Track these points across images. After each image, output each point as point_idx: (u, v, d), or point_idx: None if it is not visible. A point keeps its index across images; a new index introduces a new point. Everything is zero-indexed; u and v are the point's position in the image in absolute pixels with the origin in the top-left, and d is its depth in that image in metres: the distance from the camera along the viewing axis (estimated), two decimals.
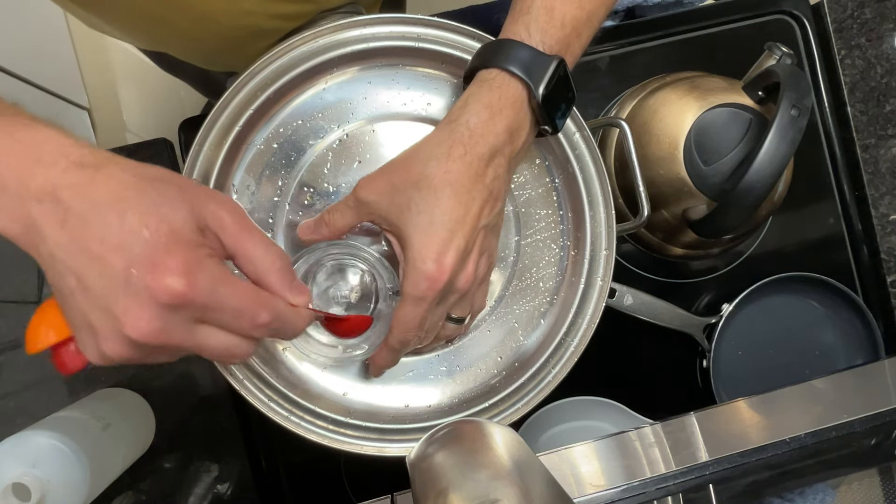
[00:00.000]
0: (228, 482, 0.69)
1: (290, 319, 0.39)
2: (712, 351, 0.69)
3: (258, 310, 0.36)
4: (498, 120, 0.46)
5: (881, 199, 0.75)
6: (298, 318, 0.39)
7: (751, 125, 0.61)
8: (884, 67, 0.75)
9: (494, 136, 0.46)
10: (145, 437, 0.66)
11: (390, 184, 0.46)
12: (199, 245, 0.34)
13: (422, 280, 0.44)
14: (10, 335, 0.68)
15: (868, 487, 0.60)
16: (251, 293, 0.36)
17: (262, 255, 0.38)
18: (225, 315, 0.35)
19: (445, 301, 0.47)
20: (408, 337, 0.47)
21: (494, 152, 0.46)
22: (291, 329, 0.39)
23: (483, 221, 0.46)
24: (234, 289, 0.35)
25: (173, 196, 0.35)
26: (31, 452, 0.52)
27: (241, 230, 0.37)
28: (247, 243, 0.37)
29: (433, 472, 0.41)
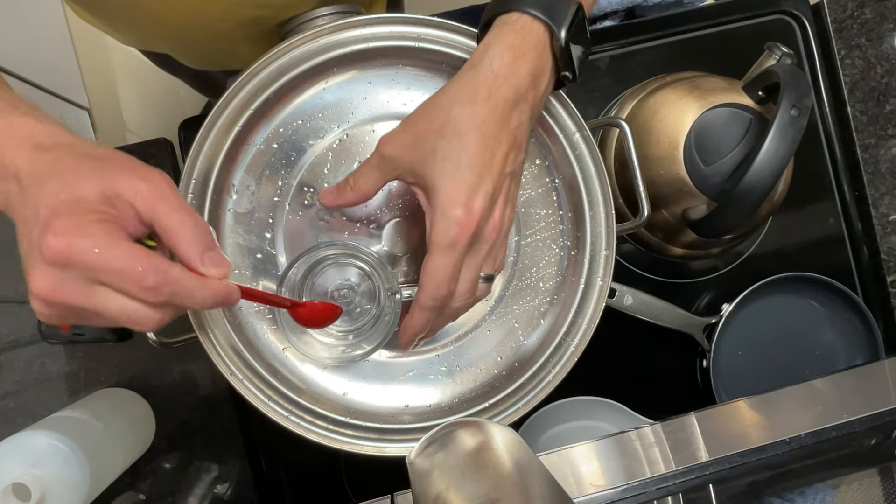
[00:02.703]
0: (228, 482, 0.69)
1: (186, 287, 0.38)
2: (712, 351, 0.69)
3: (144, 273, 0.36)
4: (521, 63, 0.45)
5: (881, 199, 0.75)
6: (201, 288, 0.39)
7: (751, 125, 0.61)
8: (884, 67, 0.75)
9: (518, 78, 0.45)
10: (145, 437, 0.66)
11: (413, 135, 0.45)
12: (93, 211, 0.36)
13: (452, 226, 0.43)
14: (10, 335, 0.68)
15: (868, 487, 0.60)
16: (136, 256, 0.36)
17: (175, 223, 0.38)
18: (110, 276, 0.36)
19: (476, 251, 0.46)
20: (440, 292, 0.45)
21: (518, 97, 0.45)
22: (191, 298, 0.39)
23: (509, 168, 0.46)
24: (118, 250, 0.36)
25: (93, 168, 0.37)
26: (31, 452, 0.52)
27: (155, 200, 0.38)
28: (159, 212, 0.38)
29: (433, 472, 0.41)
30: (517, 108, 0.45)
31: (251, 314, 0.55)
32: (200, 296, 0.39)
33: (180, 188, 0.52)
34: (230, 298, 0.41)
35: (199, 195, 0.53)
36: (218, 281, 0.40)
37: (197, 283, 0.39)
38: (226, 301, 0.41)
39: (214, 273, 0.39)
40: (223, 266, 0.40)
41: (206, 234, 0.40)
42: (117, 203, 0.37)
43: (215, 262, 0.39)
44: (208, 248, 0.39)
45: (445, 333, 0.57)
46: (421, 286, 0.46)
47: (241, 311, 0.55)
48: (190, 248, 0.39)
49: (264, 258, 0.55)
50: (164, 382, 0.69)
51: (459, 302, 0.47)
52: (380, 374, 0.56)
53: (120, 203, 0.37)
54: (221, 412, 0.69)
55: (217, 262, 0.39)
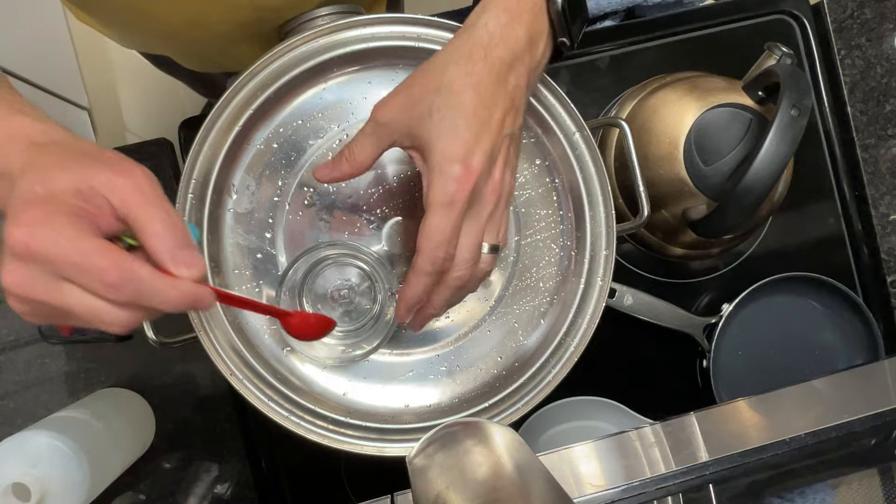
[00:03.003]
0: (228, 482, 0.69)
1: (151, 286, 0.36)
2: (712, 351, 0.69)
3: (105, 269, 0.35)
4: (517, 24, 0.45)
5: (881, 199, 0.75)
6: (168, 288, 0.37)
7: (751, 125, 0.61)
8: (884, 67, 0.75)
9: (514, 40, 0.45)
10: (145, 437, 0.66)
11: (408, 97, 0.45)
12: (63, 203, 0.36)
13: (449, 182, 0.42)
14: (10, 335, 0.68)
15: (868, 487, 0.60)
16: (98, 251, 0.35)
17: (146, 219, 0.37)
18: (70, 270, 0.35)
19: (476, 214, 0.44)
20: (438, 254, 0.43)
21: (514, 59, 0.45)
22: (157, 299, 0.37)
23: (507, 129, 0.45)
24: (80, 244, 0.35)
25: (74, 163, 0.37)
26: (31, 452, 0.52)
27: (129, 194, 0.37)
28: (131, 207, 0.37)
29: (433, 472, 0.41)
30: (513, 69, 0.45)
31: (251, 314, 0.55)
32: (168, 296, 0.37)
33: (180, 188, 0.52)
34: (201, 302, 0.39)
35: (199, 195, 0.53)
36: (189, 282, 0.38)
37: (164, 283, 0.37)
38: (197, 304, 0.39)
39: (186, 273, 0.37)
40: (196, 266, 0.38)
41: (179, 231, 0.38)
42: (92, 197, 0.36)
43: (188, 261, 0.38)
44: (181, 246, 0.38)
45: (445, 333, 0.57)
46: (418, 249, 0.44)
47: (241, 311, 0.55)
48: (159, 244, 0.37)
49: (264, 258, 0.55)
50: (164, 382, 0.69)
51: (461, 270, 0.45)
52: (380, 374, 0.56)
53: (95, 197, 0.36)
54: (221, 412, 0.69)
55: (190, 261, 0.38)
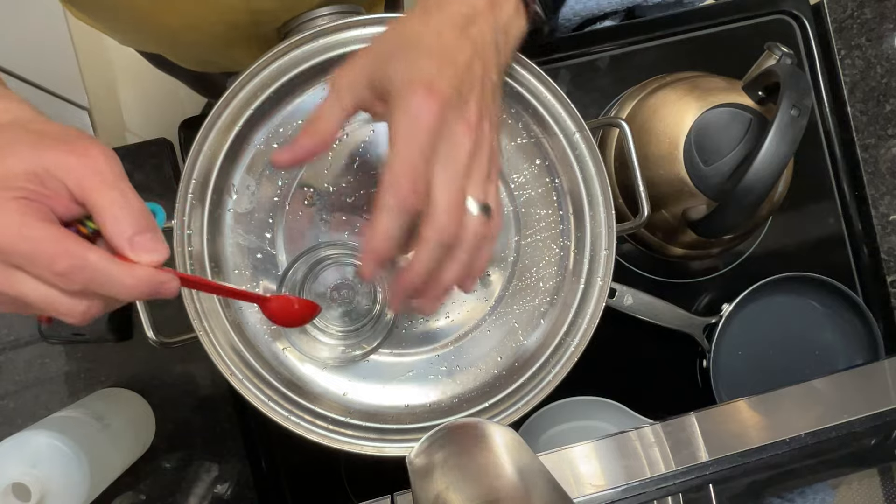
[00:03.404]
0: (228, 482, 0.69)
1: (104, 273, 0.35)
2: (712, 351, 0.69)
3: (53, 257, 0.33)
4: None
5: (881, 199, 0.75)
6: (125, 275, 0.35)
7: (751, 125, 0.61)
8: (884, 67, 0.75)
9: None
10: (145, 437, 0.66)
11: (367, 57, 0.42)
12: (14, 188, 0.34)
13: (412, 105, 0.39)
14: (10, 335, 0.68)
15: (868, 487, 0.60)
16: (46, 239, 0.33)
17: (102, 201, 0.35)
18: (18, 258, 0.34)
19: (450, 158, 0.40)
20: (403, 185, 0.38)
21: (475, 13, 0.42)
22: (112, 286, 0.35)
23: (476, 72, 0.41)
24: (28, 232, 0.33)
25: (30, 144, 0.35)
26: (31, 452, 0.52)
27: (86, 176, 0.35)
28: (88, 189, 0.35)
29: (433, 472, 0.41)
30: (474, 22, 0.42)
31: (251, 314, 0.55)
32: (124, 284, 0.35)
33: (180, 188, 0.52)
34: (164, 288, 0.37)
35: (199, 195, 0.53)
36: (147, 268, 0.36)
37: (119, 269, 0.35)
38: (160, 291, 0.37)
39: (146, 258, 0.36)
40: (156, 251, 0.36)
41: (138, 214, 0.36)
42: (47, 180, 0.35)
43: (147, 246, 0.36)
44: (140, 230, 0.35)
45: (445, 333, 0.57)
46: (380, 182, 0.39)
47: (241, 311, 0.55)
48: (116, 229, 0.35)
49: (264, 258, 0.55)
50: (164, 382, 0.69)
51: (441, 220, 0.39)
52: (380, 374, 0.56)
53: (50, 181, 0.35)
54: (221, 412, 0.69)
55: (149, 247, 0.36)
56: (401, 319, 0.56)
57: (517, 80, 0.54)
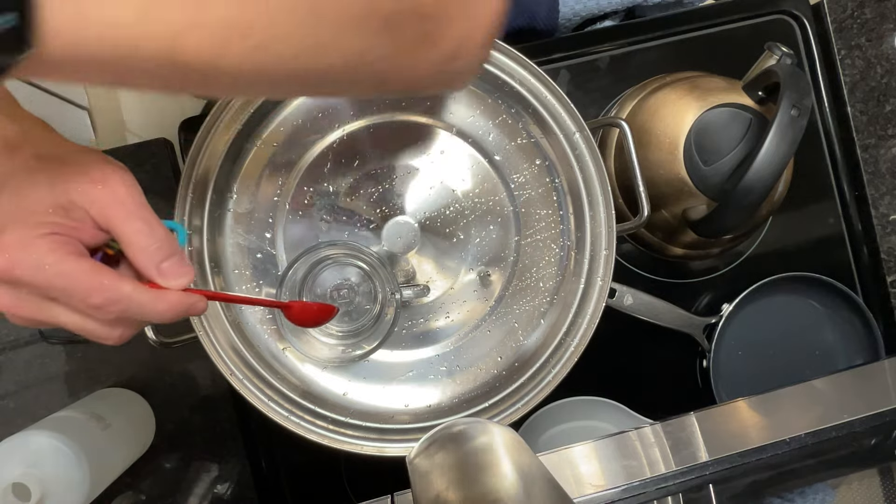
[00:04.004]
0: (228, 482, 0.69)
1: (137, 303, 0.36)
2: (712, 351, 0.69)
3: (88, 292, 0.34)
4: None
5: (881, 199, 0.75)
6: (156, 302, 0.36)
7: (751, 125, 0.61)
8: (884, 67, 0.75)
9: None
10: (145, 437, 0.66)
11: None
12: (41, 224, 0.34)
13: None
14: (10, 335, 0.68)
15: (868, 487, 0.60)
16: (81, 274, 0.34)
17: (128, 233, 0.36)
18: (55, 294, 0.35)
19: None
20: None
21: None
22: (146, 314, 0.37)
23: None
24: (62, 268, 0.34)
25: (48, 175, 0.35)
26: (31, 452, 0.52)
27: (108, 206, 0.36)
28: (112, 220, 0.36)
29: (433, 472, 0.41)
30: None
31: (251, 314, 0.55)
32: (157, 310, 0.37)
33: (180, 188, 0.52)
34: (193, 309, 0.39)
35: (199, 195, 0.53)
36: (177, 293, 0.37)
37: (150, 297, 0.36)
38: (189, 312, 0.39)
39: (174, 284, 0.37)
40: (183, 276, 0.37)
41: (163, 241, 0.37)
42: (72, 212, 0.35)
43: (175, 272, 0.37)
44: (166, 256, 0.37)
45: (445, 333, 0.57)
46: None
47: (241, 312, 0.55)
48: (144, 257, 0.36)
49: (264, 258, 0.55)
50: (164, 382, 0.69)
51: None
52: (380, 374, 0.56)
53: (75, 211, 0.35)
54: (221, 412, 0.69)
55: (176, 272, 0.37)
56: (401, 319, 0.56)
57: (517, 80, 0.54)
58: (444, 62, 0.35)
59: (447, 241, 0.57)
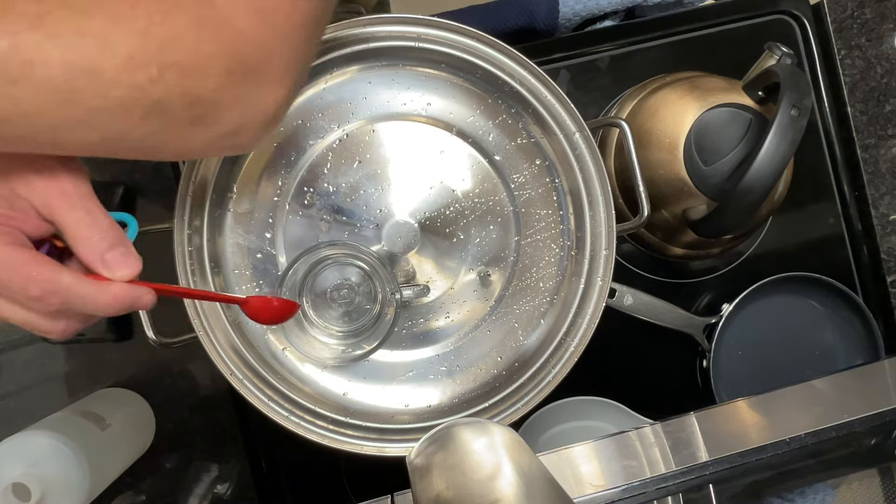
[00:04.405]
0: (228, 482, 0.69)
1: (78, 294, 0.35)
2: (712, 351, 0.69)
3: (26, 282, 0.34)
4: None
5: (881, 199, 0.75)
6: (99, 293, 0.36)
7: (751, 125, 0.61)
8: (884, 67, 0.75)
9: None
10: (145, 437, 0.66)
11: None
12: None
13: None
14: (10, 335, 0.68)
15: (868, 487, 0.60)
16: (18, 265, 0.34)
17: (70, 222, 0.35)
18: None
19: None
20: None
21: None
22: (88, 306, 0.36)
23: None
24: None
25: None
26: (31, 452, 0.52)
27: (51, 197, 0.35)
28: (55, 210, 0.35)
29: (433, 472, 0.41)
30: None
31: None
32: (99, 302, 0.36)
33: (180, 188, 0.52)
34: (140, 303, 0.38)
35: (200, 195, 0.53)
36: (121, 285, 0.36)
37: (93, 289, 0.36)
38: (135, 306, 0.37)
39: (119, 275, 0.36)
40: (128, 267, 0.36)
41: (107, 232, 0.36)
42: (14, 202, 0.35)
43: (119, 263, 0.36)
44: (110, 246, 0.36)
45: (445, 333, 0.57)
46: None
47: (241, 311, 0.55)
48: (86, 248, 0.36)
49: (264, 258, 0.55)
50: (164, 382, 0.69)
51: None
52: (380, 374, 0.56)
53: (17, 201, 0.35)
54: (221, 412, 0.69)
55: (121, 263, 0.36)
56: (401, 319, 0.56)
57: (517, 79, 0.54)
58: (222, 138, 0.36)
59: (447, 241, 0.57)
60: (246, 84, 0.35)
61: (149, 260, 0.53)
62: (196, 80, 0.33)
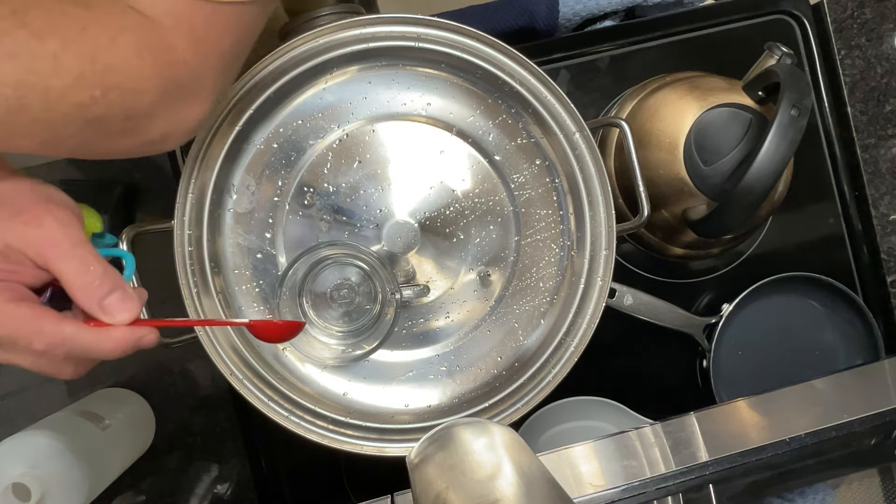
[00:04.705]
0: (228, 482, 0.69)
1: (82, 343, 0.36)
2: (712, 351, 0.69)
3: (30, 338, 0.35)
4: None
5: (881, 199, 0.75)
6: (101, 340, 0.36)
7: (751, 125, 0.61)
8: (884, 67, 0.75)
9: None
10: (145, 437, 0.66)
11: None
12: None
13: None
14: None
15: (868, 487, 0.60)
16: (20, 321, 0.35)
17: (65, 272, 0.36)
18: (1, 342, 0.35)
19: None
20: None
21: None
22: (93, 353, 0.37)
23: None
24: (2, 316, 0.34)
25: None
26: (31, 452, 0.52)
27: (44, 247, 0.36)
28: (49, 260, 0.36)
29: (433, 472, 0.41)
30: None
31: (252, 314, 0.55)
32: (103, 350, 0.37)
33: (180, 188, 0.52)
34: (143, 343, 0.38)
35: (199, 195, 0.53)
36: (122, 329, 0.37)
37: (95, 337, 0.36)
38: (139, 346, 0.38)
39: (118, 319, 0.37)
40: (126, 311, 0.37)
41: (102, 277, 0.37)
42: (10, 255, 0.35)
43: (117, 308, 0.37)
44: (107, 292, 0.36)
45: (445, 333, 0.57)
46: None
47: (241, 312, 0.55)
48: (83, 296, 0.36)
49: (264, 258, 0.55)
50: (164, 382, 0.69)
51: None
52: (380, 374, 0.56)
53: (12, 254, 0.35)
54: (221, 412, 0.69)
55: (119, 307, 0.37)
56: (401, 319, 0.56)
57: (517, 79, 0.54)
58: (148, 144, 0.40)
59: (447, 241, 0.57)
60: (176, 102, 0.39)
61: (149, 260, 0.53)
62: (134, 98, 0.37)
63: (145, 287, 0.52)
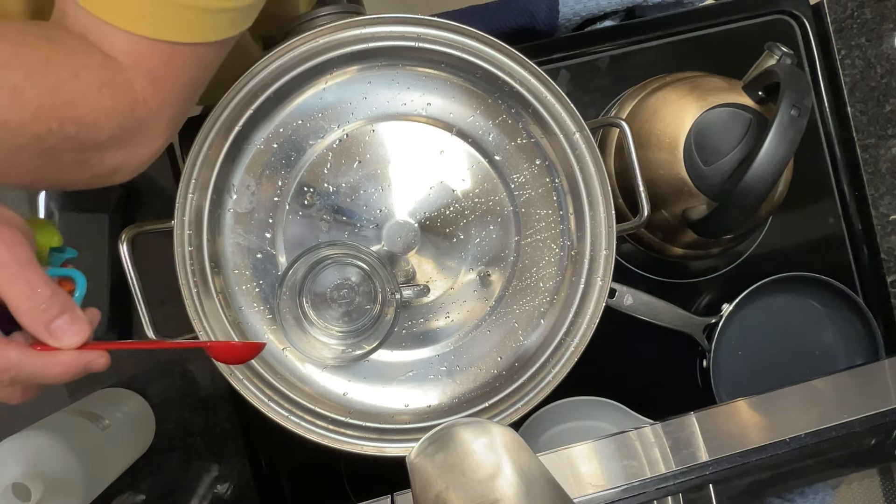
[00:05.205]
0: (228, 482, 0.69)
1: (28, 368, 0.35)
2: (712, 351, 0.69)
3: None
4: None
5: (881, 199, 0.75)
6: (49, 365, 0.36)
7: (751, 125, 0.61)
8: (884, 67, 0.75)
9: None
10: (145, 437, 0.66)
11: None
12: None
13: None
14: None
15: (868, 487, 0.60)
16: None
17: (11, 295, 0.35)
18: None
19: None
20: None
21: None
22: (40, 378, 0.36)
23: None
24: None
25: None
26: (31, 452, 0.52)
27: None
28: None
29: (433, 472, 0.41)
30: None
31: (251, 314, 0.55)
32: (50, 373, 0.36)
33: (180, 188, 0.52)
34: (93, 367, 0.37)
35: (199, 195, 0.53)
36: (71, 353, 0.36)
37: (42, 362, 0.35)
38: (88, 370, 0.37)
39: (66, 343, 0.36)
40: (76, 334, 0.36)
41: (49, 301, 0.35)
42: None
43: (65, 331, 0.36)
44: (54, 316, 0.35)
45: (445, 333, 0.57)
46: None
47: (241, 311, 0.55)
48: (29, 320, 0.35)
49: (264, 258, 0.55)
50: (164, 382, 0.69)
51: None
52: (380, 374, 0.56)
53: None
54: (221, 412, 0.69)
55: (67, 330, 0.36)
56: (401, 319, 0.56)
57: (517, 79, 0.54)
58: (98, 178, 0.41)
59: (447, 241, 0.57)
60: (132, 137, 0.40)
61: (149, 260, 0.53)
62: (91, 133, 0.37)
63: (145, 287, 0.53)
